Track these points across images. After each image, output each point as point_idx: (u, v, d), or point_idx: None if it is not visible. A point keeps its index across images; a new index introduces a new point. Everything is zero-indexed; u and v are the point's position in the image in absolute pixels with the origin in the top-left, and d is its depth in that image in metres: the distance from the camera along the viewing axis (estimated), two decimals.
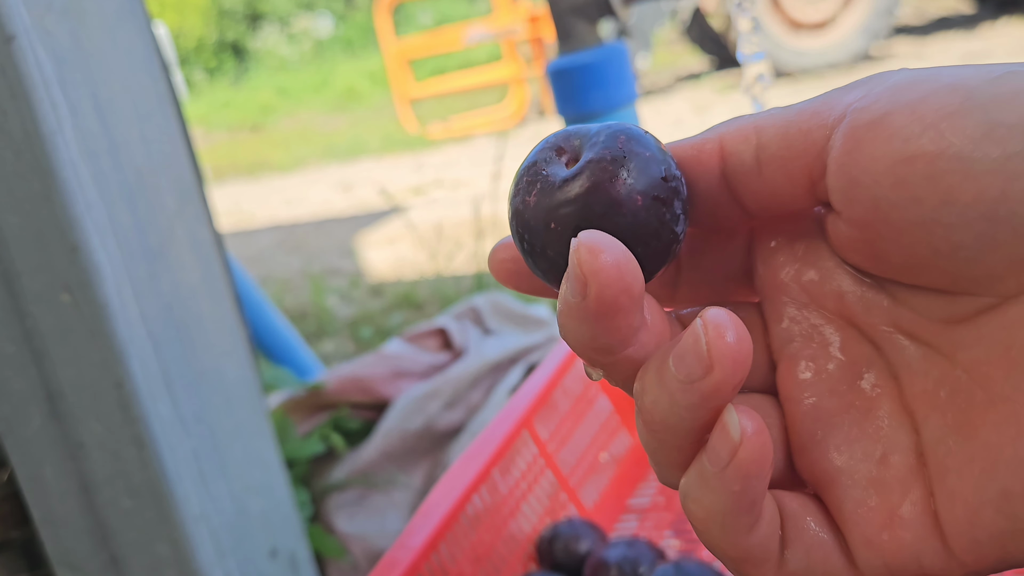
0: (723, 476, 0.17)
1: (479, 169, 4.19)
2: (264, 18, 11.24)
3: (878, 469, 0.18)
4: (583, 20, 0.67)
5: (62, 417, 0.54)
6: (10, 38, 0.45)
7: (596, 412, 0.62)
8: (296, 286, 2.58)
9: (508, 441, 0.54)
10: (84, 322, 0.50)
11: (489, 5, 5.59)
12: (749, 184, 0.19)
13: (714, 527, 0.17)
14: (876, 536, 0.18)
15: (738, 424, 0.16)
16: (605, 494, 0.60)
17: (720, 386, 0.16)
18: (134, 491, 0.54)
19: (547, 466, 0.57)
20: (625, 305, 0.17)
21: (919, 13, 6.34)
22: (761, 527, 0.18)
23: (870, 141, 0.17)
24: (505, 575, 0.51)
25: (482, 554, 0.50)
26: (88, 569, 0.58)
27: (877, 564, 0.18)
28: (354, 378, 0.88)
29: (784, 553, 0.18)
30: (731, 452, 0.16)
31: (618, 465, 0.62)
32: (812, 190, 0.19)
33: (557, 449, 0.58)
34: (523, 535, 0.54)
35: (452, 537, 0.48)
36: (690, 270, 0.22)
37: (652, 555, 0.48)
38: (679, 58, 6.68)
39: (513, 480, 0.54)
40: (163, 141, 0.56)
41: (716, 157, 0.19)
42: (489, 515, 0.51)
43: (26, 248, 0.49)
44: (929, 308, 0.18)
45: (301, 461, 0.84)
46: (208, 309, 0.59)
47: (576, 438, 0.60)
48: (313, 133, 7.03)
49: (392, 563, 0.44)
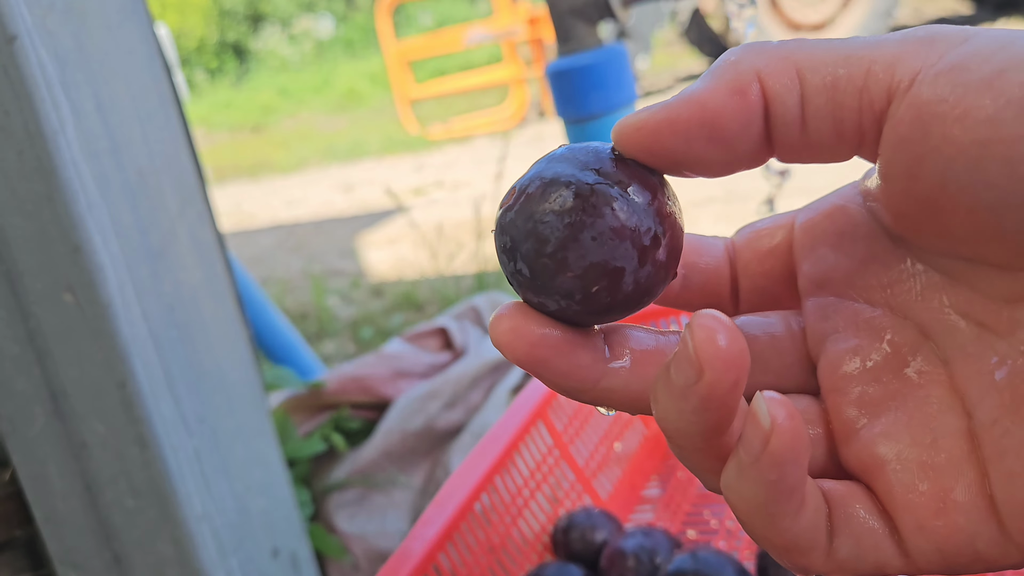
0: (758, 465, 0.16)
1: (479, 170, 4.19)
2: (265, 19, 11.25)
3: (928, 454, 0.18)
4: (583, 22, 0.67)
5: (65, 417, 0.54)
6: (12, 38, 0.46)
7: None
8: (297, 286, 2.58)
9: (523, 431, 0.54)
10: (87, 322, 0.50)
11: (490, 6, 5.59)
12: (788, 129, 0.18)
13: (757, 517, 0.17)
14: (929, 521, 0.17)
15: (767, 412, 0.16)
16: (619, 485, 0.60)
17: (714, 388, 0.16)
18: (137, 491, 0.54)
19: (562, 457, 0.57)
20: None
21: (917, 13, 6.35)
22: (805, 514, 0.17)
23: (940, 119, 0.16)
24: (521, 566, 0.51)
25: (497, 545, 0.50)
26: (91, 568, 0.58)
27: (929, 550, 0.17)
28: (355, 378, 0.88)
29: (833, 541, 0.18)
30: (763, 441, 0.16)
31: (632, 456, 0.63)
32: (858, 149, 0.18)
33: (572, 439, 0.58)
34: (539, 525, 0.54)
35: (467, 528, 0.48)
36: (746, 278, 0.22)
37: (669, 544, 0.48)
38: (678, 59, 6.68)
39: (528, 470, 0.54)
40: (165, 142, 0.56)
41: (755, 98, 0.18)
42: (505, 505, 0.51)
43: (29, 248, 0.50)
44: (989, 285, 0.17)
45: (302, 461, 0.85)
46: (210, 309, 0.59)
47: (590, 429, 0.60)
48: (314, 134, 7.03)
49: (407, 553, 0.44)
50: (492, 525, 0.50)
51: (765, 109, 0.18)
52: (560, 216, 0.18)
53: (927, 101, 0.16)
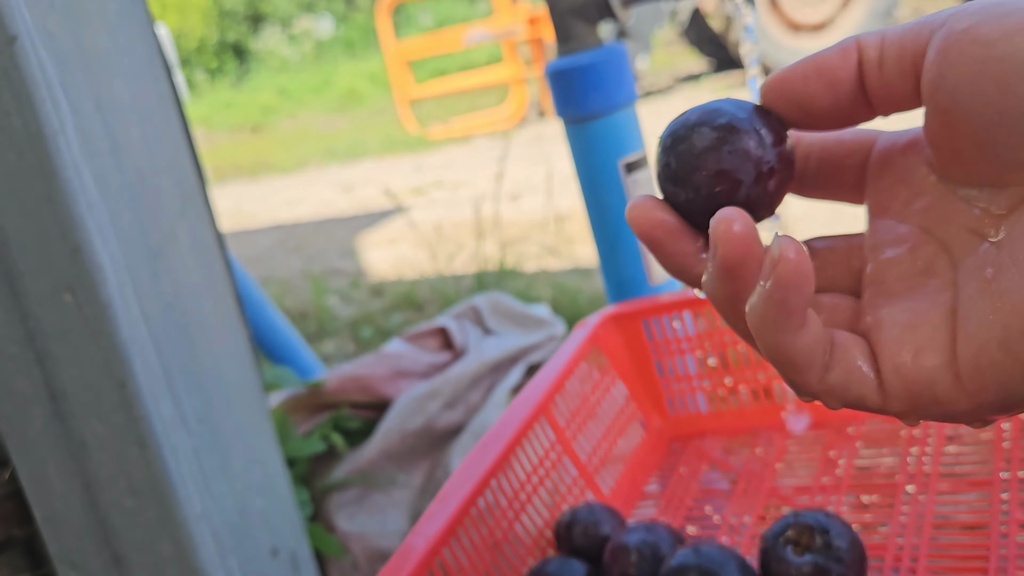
0: (769, 287, 0.22)
1: (479, 170, 4.19)
2: (265, 19, 11.25)
3: (917, 319, 0.23)
4: (582, 22, 0.67)
5: (64, 417, 0.54)
6: (12, 39, 0.46)
7: (612, 400, 0.63)
8: (297, 286, 2.58)
9: (525, 428, 0.54)
10: (86, 322, 0.50)
11: (490, 6, 5.61)
12: (872, 77, 0.24)
13: (766, 332, 0.23)
14: (904, 365, 0.23)
15: (778, 246, 0.21)
16: (621, 481, 0.60)
17: (725, 260, 0.22)
18: (136, 490, 0.54)
19: (564, 452, 0.57)
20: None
21: (917, 13, 6.36)
22: (805, 336, 0.23)
23: (957, 42, 0.21)
24: (524, 561, 0.52)
25: (500, 540, 0.50)
26: (90, 568, 0.58)
27: (901, 389, 0.23)
28: (355, 377, 0.88)
29: (827, 371, 0.23)
30: (772, 267, 0.21)
31: (634, 452, 0.63)
32: (917, 88, 0.23)
33: (574, 435, 0.58)
34: (542, 521, 0.54)
35: (470, 523, 0.48)
36: (816, 173, 0.28)
37: (671, 539, 0.48)
38: (678, 59, 6.68)
39: (531, 466, 0.54)
40: (165, 142, 0.56)
41: (855, 56, 0.24)
42: (508, 501, 0.52)
43: (28, 249, 0.50)
44: (993, 204, 0.22)
45: (302, 460, 0.85)
46: (210, 309, 0.59)
47: (592, 426, 0.60)
48: (314, 134, 7.03)
49: (410, 550, 0.44)
50: (495, 520, 0.50)
51: (859, 62, 0.24)
52: (714, 131, 0.24)
53: (952, 31, 0.21)
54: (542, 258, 2.28)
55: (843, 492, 0.54)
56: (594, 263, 2.20)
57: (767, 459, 0.59)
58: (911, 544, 0.47)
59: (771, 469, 0.58)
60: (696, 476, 0.60)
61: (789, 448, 0.60)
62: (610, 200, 0.70)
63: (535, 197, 3.26)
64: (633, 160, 0.70)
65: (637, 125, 0.71)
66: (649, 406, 0.66)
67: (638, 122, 0.71)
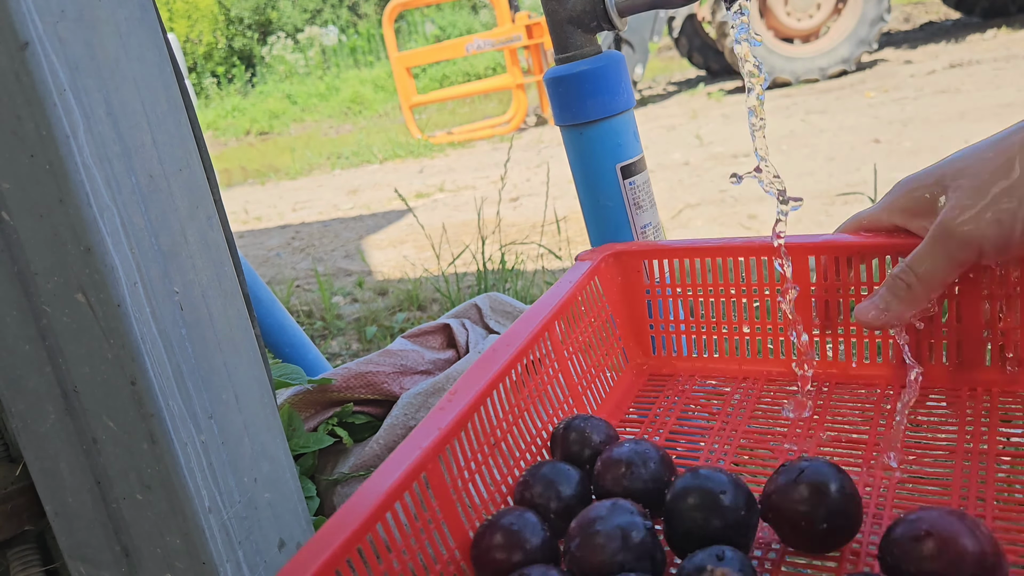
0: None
1: (480, 173, 4.20)
2: (273, 27, 11.27)
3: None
4: (581, 30, 0.68)
5: (76, 413, 0.55)
6: (24, 45, 0.46)
7: (602, 330, 0.66)
8: (304, 286, 2.60)
9: (531, 342, 0.58)
10: (98, 321, 0.51)
11: (491, 14, 5.65)
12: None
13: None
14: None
15: None
16: (604, 403, 0.64)
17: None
18: (146, 485, 0.55)
19: (560, 371, 0.60)
20: None
21: (908, 21, 6.34)
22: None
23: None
24: (517, 464, 0.55)
25: (499, 439, 0.54)
26: (100, 561, 0.59)
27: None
28: (360, 375, 0.89)
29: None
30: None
31: (617, 383, 0.66)
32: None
33: (570, 356, 0.62)
34: (535, 429, 0.58)
35: (477, 421, 0.52)
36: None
37: (659, 455, 0.51)
38: (673, 66, 6.67)
39: (532, 378, 0.58)
40: (175, 146, 0.57)
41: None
42: (509, 407, 0.55)
43: (41, 249, 0.50)
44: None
45: (309, 455, 0.86)
46: (219, 308, 0.60)
47: (584, 351, 0.64)
48: (320, 139, 7.04)
49: (423, 432, 0.48)
50: (496, 423, 0.54)
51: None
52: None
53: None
54: (542, 258, 2.29)
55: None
56: None
57: (744, 404, 0.61)
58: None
59: (748, 414, 0.60)
60: (675, 410, 0.62)
61: (763, 396, 0.62)
62: (608, 202, 0.71)
63: (535, 199, 3.27)
64: (630, 164, 0.70)
65: (635, 130, 0.71)
66: (633, 343, 0.67)
67: (636, 127, 0.72)
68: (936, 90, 4.11)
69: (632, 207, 0.70)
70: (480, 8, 9.70)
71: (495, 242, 2.51)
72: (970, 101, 3.68)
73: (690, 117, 4.60)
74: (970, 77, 4.29)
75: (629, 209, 0.70)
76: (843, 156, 3.07)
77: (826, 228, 2.20)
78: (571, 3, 0.66)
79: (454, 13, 9.51)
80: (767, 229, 2.28)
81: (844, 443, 0.56)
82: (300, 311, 2.19)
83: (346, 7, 11.33)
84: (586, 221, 0.74)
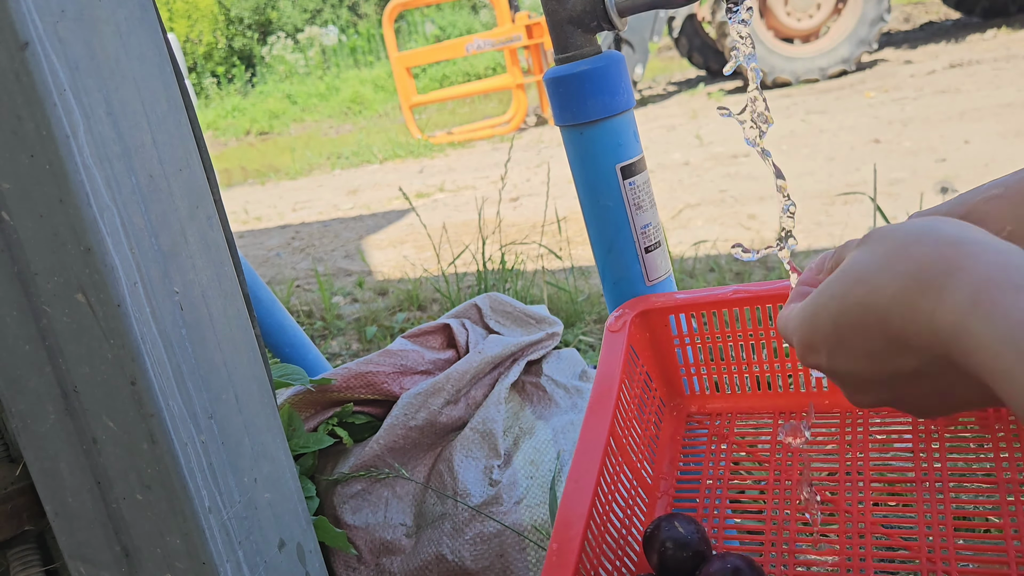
0: None
1: (480, 173, 4.20)
2: (273, 27, 11.27)
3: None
4: (581, 30, 0.68)
5: (76, 413, 0.55)
6: (24, 45, 0.46)
7: (643, 387, 0.68)
8: (304, 286, 2.60)
9: (603, 457, 0.57)
10: (98, 321, 0.51)
11: (491, 14, 5.67)
12: None
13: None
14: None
15: None
16: (658, 463, 0.65)
17: None
18: (146, 485, 0.55)
19: (624, 463, 0.61)
20: None
21: (908, 21, 6.34)
22: None
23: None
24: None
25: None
26: (101, 561, 0.59)
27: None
28: (360, 375, 0.89)
29: None
30: None
31: (663, 427, 0.68)
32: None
33: (627, 438, 0.62)
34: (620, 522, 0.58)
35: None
36: None
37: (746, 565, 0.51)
38: (673, 66, 6.68)
39: (607, 486, 0.58)
40: (175, 146, 0.57)
41: None
42: (598, 530, 0.55)
43: (42, 249, 0.50)
44: None
45: (308, 455, 0.86)
46: (219, 308, 0.60)
47: (636, 422, 0.64)
48: (320, 139, 7.05)
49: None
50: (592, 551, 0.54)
51: None
52: None
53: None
54: (542, 258, 2.29)
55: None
56: (592, 263, 2.21)
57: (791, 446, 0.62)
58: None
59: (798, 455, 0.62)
60: (726, 461, 0.63)
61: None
62: (608, 203, 0.71)
63: (535, 199, 3.27)
64: (630, 164, 0.70)
65: (634, 130, 0.71)
66: (667, 387, 0.69)
67: (636, 127, 0.72)
68: (936, 90, 4.11)
69: (632, 207, 0.70)
70: (480, 8, 9.72)
71: (495, 242, 2.52)
72: (970, 101, 3.68)
73: (690, 117, 4.61)
74: (970, 77, 4.29)
75: (629, 209, 0.70)
76: (843, 156, 3.07)
77: (826, 228, 2.20)
78: (571, 3, 0.66)
79: (454, 13, 9.51)
80: (767, 229, 2.28)
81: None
82: (300, 311, 2.19)
83: (346, 7, 11.35)
84: (586, 221, 0.74)
